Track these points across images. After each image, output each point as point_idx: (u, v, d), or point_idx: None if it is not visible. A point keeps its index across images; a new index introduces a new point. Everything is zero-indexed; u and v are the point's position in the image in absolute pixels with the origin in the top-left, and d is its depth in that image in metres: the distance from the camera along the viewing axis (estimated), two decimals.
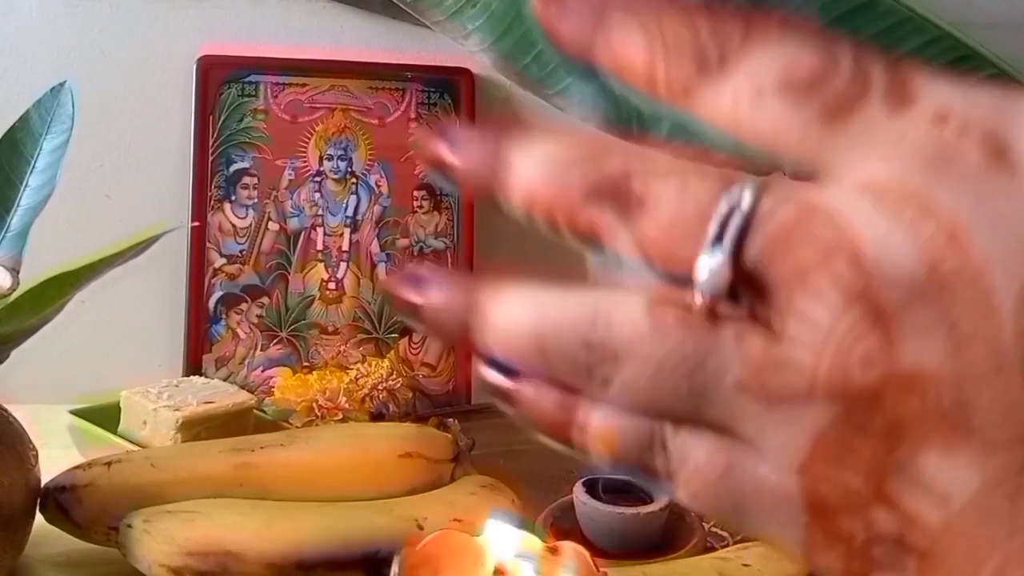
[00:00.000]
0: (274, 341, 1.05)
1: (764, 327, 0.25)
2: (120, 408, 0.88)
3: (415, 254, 1.07)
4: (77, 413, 0.90)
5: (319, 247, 1.06)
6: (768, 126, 0.26)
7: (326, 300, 1.06)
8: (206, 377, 0.99)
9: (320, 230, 1.06)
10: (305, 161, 1.06)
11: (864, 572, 0.26)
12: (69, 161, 0.79)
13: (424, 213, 1.07)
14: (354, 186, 1.07)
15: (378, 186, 1.07)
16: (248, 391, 0.94)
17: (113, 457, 0.76)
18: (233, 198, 1.05)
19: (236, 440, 0.81)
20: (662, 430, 0.27)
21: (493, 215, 1.16)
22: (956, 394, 0.24)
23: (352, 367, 1.01)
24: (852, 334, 0.24)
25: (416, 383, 1.06)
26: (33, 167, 0.78)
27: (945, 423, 0.24)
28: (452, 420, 0.95)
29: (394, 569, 0.59)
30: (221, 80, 1.05)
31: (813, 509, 0.26)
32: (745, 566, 0.73)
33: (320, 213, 1.06)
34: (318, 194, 1.06)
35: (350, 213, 1.07)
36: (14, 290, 0.70)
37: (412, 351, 1.07)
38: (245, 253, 1.05)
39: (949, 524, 0.25)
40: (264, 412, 0.96)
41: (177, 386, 0.90)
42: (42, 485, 0.74)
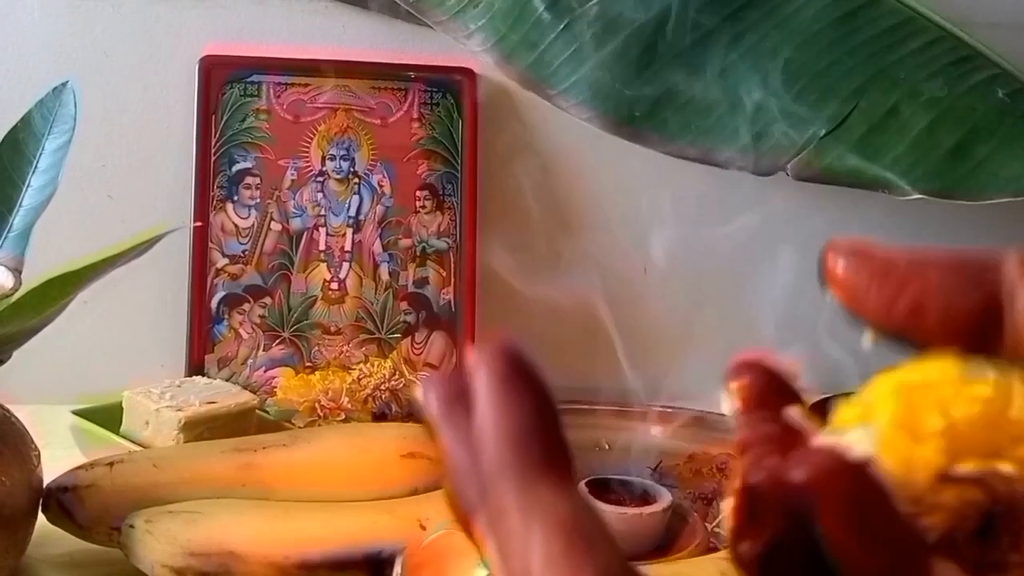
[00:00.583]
0: (276, 341, 1.05)
1: None
2: (122, 408, 0.88)
3: (418, 254, 1.07)
4: (79, 413, 0.90)
5: (321, 247, 1.06)
6: None
7: (328, 300, 1.06)
8: (208, 377, 0.99)
9: (322, 230, 1.06)
10: (307, 161, 1.06)
11: None
12: (71, 161, 0.79)
13: (427, 213, 1.07)
14: (356, 186, 1.07)
15: (380, 186, 1.07)
16: (250, 391, 0.94)
17: (115, 457, 0.76)
18: (235, 198, 1.05)
19: (238, 440, 0.81)
20: None
21: (496, 215, 1.16)
22: None
23: (355, 367, 1.01)
24: None
25: (419, 383, 1.05)
26: (35, 167, 0.78)
27: None
28: None
29: (396, 569, 0.59)
30: (223, 80, 1.05)
31: None
32: None
33: (322, 213, 1.06)
34: (320, 194, 1.06)
35: (352, 213, 1.07)
36: (16, 290, 0.70)
37: (415, 351, 1.07)
38: (247, 253, 1.05)
39: None
40: (266, 412, 0.96)
41: (179, 386, 0.91)
42: (44, 485, 0.74)
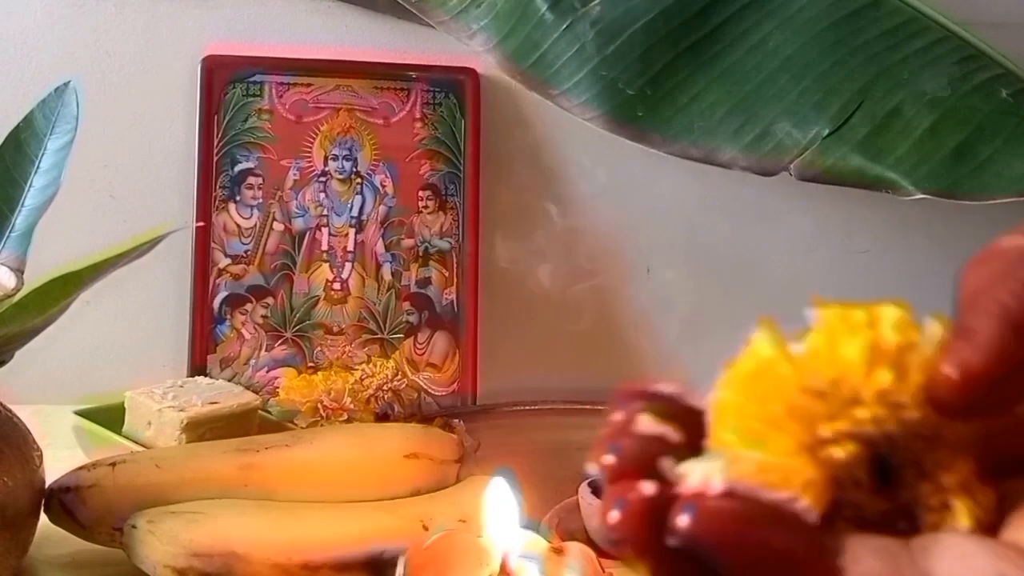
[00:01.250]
0: (279, 341, 1.05)
1: None
2: (124, 409, 0.88)
3: (420, 254, 1.07)
4: (81, 414, 0.89)
5: (324, 247, 1.06)
6: None
7: (331, 300, 1.06)
8: (211, 378, 0.99)
9: (325, 230, 1.06)
10: (310, 161, 1.06)
11: None
12: (73, 161, 0.78)
13: (429, 213, 1.07)
14: (359, 186, 1.07)
15: (383, 186, 1.07)
16: (253, 392, 0.94)
17: (117, 458, 0.76)
18: (238, 198, 1.05)
19: (241, 441, 0.81)
20: None
21: (499, 215, 1.16)
22: None
23: (357, 367, 1.00)
24: None
25: (421, 384, 1.05)
26: (37, 167, 0.78)
27: None
28: (457, 421, 0.95)
29: (399, 569, 0.59)
30: (226, 80, 1.05)
31: None
32: None
33: (325, 213, 1.06)
34: (323, 194, 1.06)
35: (355, 213, 1.07)
36: (19, 290, 0.70)
37: (417, 351, 1.07)
38: (250, 253, 1.05)
39: None
40: (269, 413, 0.96)
41: (182, 387, 0.90)
42: (46, 486, 0.73)
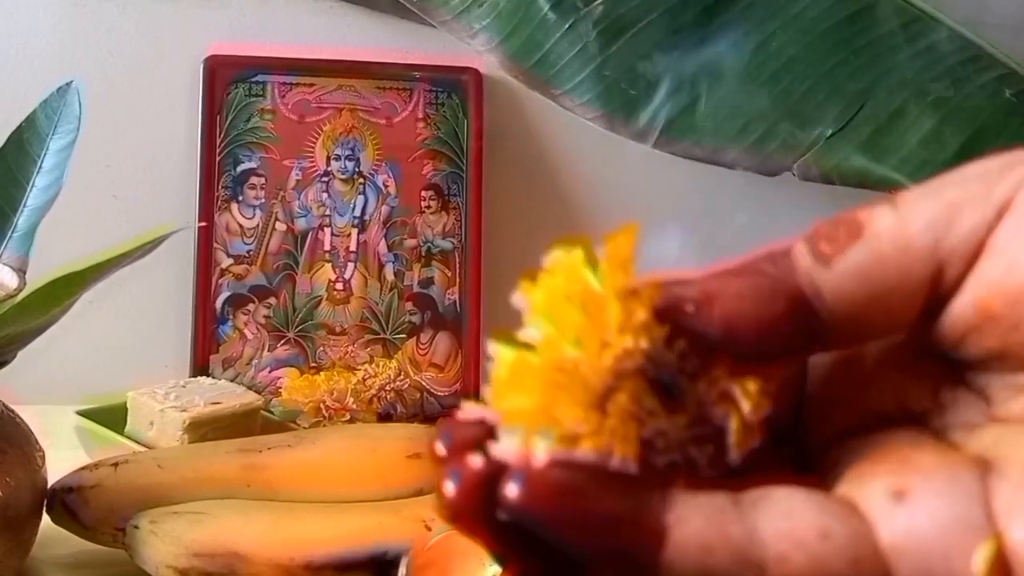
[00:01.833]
0: (281, 342, 1.05)
1: None
2: (127, 409, 0.88)
3: (423, 254, 1.07)
4: (84, 414, 0.89)
5: (326, 247, 1.06)
6: None
7: (333, 300, 1.06)
8: (213, 378, 0.99)
9: (327, 230, 1.06)
10: (312, 161, 1.06)
11: None
12: (75, 161, 0.78)
13: (432, 213, 1.07)
14: (361, 186, 1.07)
15: (386, 186, 1.07)
16: (255, 392, 0.94)
17: (120, 458, 0.76)
18: (240, 198, 1.05)
19: (243, 441, 0.81)
20: None
21: (501, 215, 1.16)
22: None
23: (360, 368, 1.00)
24: None
25: (424, 384, 1.05)
26: (40, 167, 0.78)
27: None
28: None
29: (402, 570, 0.59)
30: (228, 80, 1.05)
31: None
32: None
33: (327, 213, 1.06)
34: (325, 194, 1.06)
35: (357, 213, 1.06)
36: (21, 290, 0.70)
37: (420, 352, 1.07)
38: (252, 253, 1.05)
39: None
40: (271, 413, 0.96)
41: (184, 387, 0.90)
42: (49, 486, 0.73)
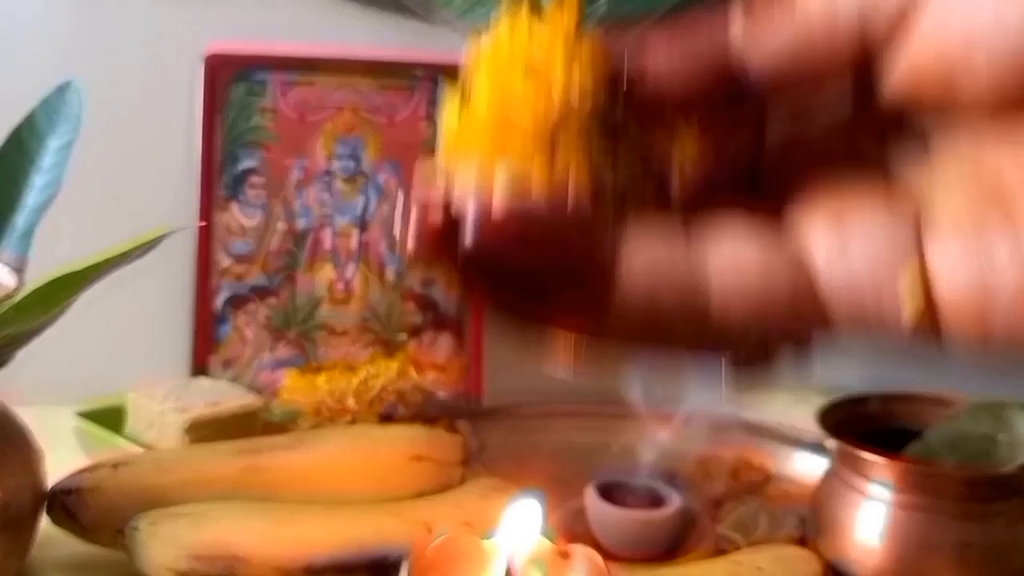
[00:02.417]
0: (282, 342, 1.04)
1: None
2: (126, 410, 0.88)
3: None
4: (83, 415, 0.89)
5: (327, 247, 1.06)
6: None
7: (335, 300, 1.05)
8: (213, 379, 0.99)
9: (328, 230, 1.06)
10: (313, 160, 1.06)
11: None
12: (75, 160, 0.78)
13: None
14: (363, 185, 1.06)
15: (387, 185, 1.06)
16: (255, 393, 0.94)
17: (119, 459, 0.76)
18: (241, 197, 1.04)
19: (243, 442, 0.81)
20: None
21: None
22: None
23: (361, 368, 1.00)
24: None
25: (425, 385, 1.05)
26: (39, 166, 0.78)
27: None
28: (462, 422, 0.95)
29: (403, 572, 0.59)
30: (228, 78, 1.04)
31: None
32: (758, 569, 0.72)
33: (329, 213, 1.06)
34: (327, 193, 1.06)
35: (359, 213, 1.06)
36: (19, 290, 0.69)
37: (422, 352, 1.06)
38: (252, 253, 1.04)
39: None
40: (272, 414, 0.95)
41: (184, 388, 0.90)
42: (48, 488, 0.73)
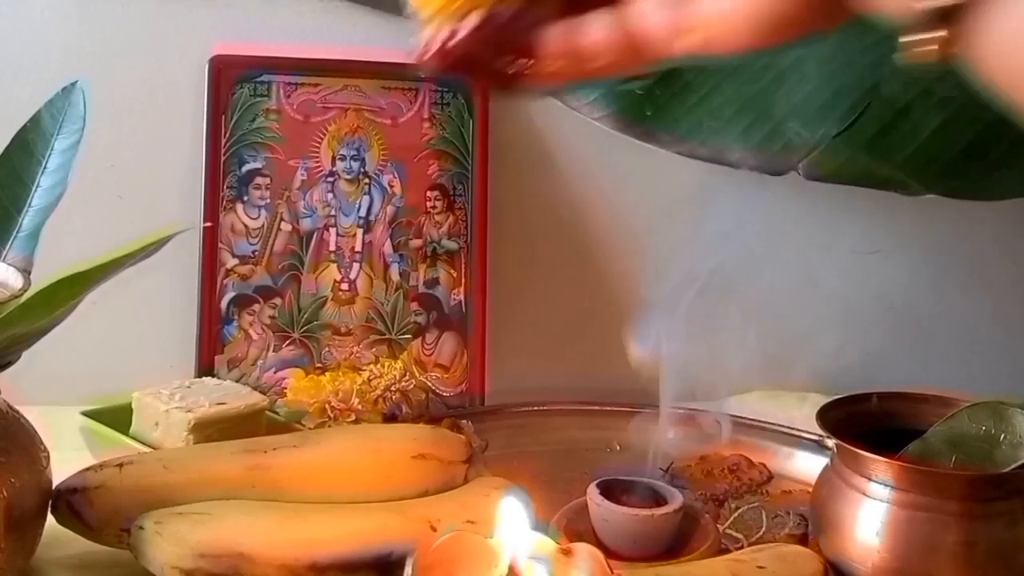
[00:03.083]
0: (286, 342, 1.05)
1: None
2: (132, 409, 0.88)
3: (428, 254, 1.07)
4: (89, 414, 0.89)
5: (332, 248, 1.06)
6: None
7: (339, 301, 1.06)
8: (218, 378, 0.99)
9: (333, 230, 1.06)
10: (318, 161, 1.06)
11: None
12: (80, 161, 0.78)
13: (437, 213, 1.07)
14: (367, 186, 1.06)
15: (391, 186, 1.07)
16: (260, 392, 0.94)
17: (125, 459, 0.76)
18: (245, 198, 1.05)
19: (248, 441, 0.81)
20: None
21: (507, 215, 1.15)
22: None
23: (365, 368, 1.00)
24: None
25: (429, 384, 1.05)
26: (45, 167, 0.78)
27: None
28: (466, 421, 0.95)
29: (407, 571, 0.59)
30: (233, 80, 1.05)
31: None
32: (760, 568, 0.72)
33: (333, 213, 1.06)
34: (331, 194, 1.06)
35: (363, 213, 1.06)
36: (26, 291, 0.70)
37: (425, 352, 1.06)
38: (257, 254, 1.05)
39: None
40: (276, 413, 0.95)
41: (189, 387, 0.90)
42: (54, 487, 0.73)
